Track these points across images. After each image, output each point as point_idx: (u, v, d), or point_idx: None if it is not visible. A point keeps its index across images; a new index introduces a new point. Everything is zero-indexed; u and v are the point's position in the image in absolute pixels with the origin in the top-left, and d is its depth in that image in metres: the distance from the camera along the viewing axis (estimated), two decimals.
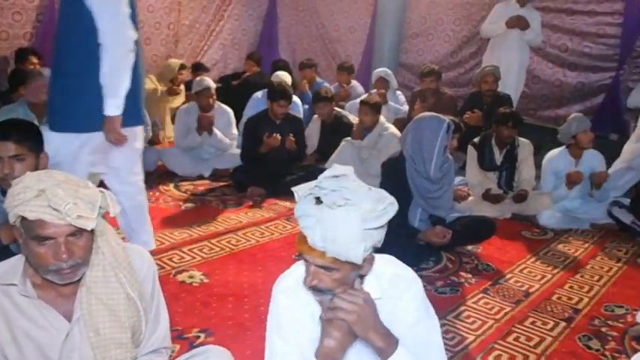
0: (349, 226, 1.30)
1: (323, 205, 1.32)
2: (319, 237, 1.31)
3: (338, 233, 1.30)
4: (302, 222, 1.34)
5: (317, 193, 1.34)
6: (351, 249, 1.31)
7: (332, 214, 1.30)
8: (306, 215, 1.34)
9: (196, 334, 2.44)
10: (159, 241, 3.44)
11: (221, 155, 5.03)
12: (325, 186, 1.33)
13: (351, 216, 1.31)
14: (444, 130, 3.20)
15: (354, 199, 1.31)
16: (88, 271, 1.51)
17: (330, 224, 1.30)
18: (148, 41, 6.91)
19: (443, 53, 7.27)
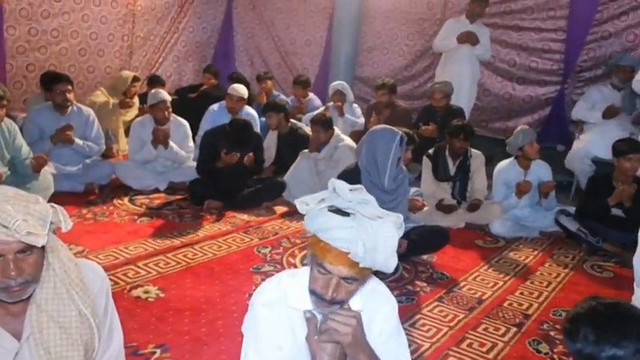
0: (388, 236, 1.34)
1: (360, 216, 1.34)
2: (361, 248, 1.32)
3: (379, 244, 1.33)
4: (335, 234, 1.33)
5: (339, 205, 1.36)
6: (390, 259, 1.35)
7: (372, 226, 1.33)
8: (339, 227, 1.33)
9: (152, 349, 2.40)
10: (113, 256, 3.37)
11: (177, 168, 4.98)
12: (350, 198, 1.35)
13: (388, 227, 1.35)
14: (397, 142, 3.27)
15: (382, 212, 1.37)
16: (39, 289, 1.48)
17: (372, 235, 1.32)
18: (101, 53, 6.80)
19: (397, 67, 7.43)
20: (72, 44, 6.48)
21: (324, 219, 1.35)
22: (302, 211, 1.41)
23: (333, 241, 1.33)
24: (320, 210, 1.37)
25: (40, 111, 4.62)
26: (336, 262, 1.34)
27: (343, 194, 1.36)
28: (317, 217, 1.36)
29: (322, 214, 1.37)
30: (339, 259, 1.34)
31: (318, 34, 7.95)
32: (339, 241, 1.32)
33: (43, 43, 6.20)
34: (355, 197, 1.36)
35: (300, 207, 1.41)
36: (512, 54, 6.46)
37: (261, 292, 1.61)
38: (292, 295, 1.53)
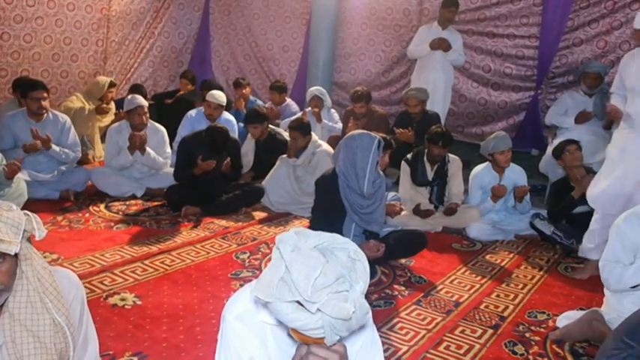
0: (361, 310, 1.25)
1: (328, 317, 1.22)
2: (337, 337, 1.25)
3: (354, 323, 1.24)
4: (310, 332, 1.23)
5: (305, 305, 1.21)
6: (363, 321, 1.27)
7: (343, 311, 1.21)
8: (314, 328, 1.23)
9: (129, 357, 2.38)
10: (88, 263, 3.33)
11: (154, 174, 4.94)
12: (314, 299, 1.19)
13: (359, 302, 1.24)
14: (375, 147, 3.28)
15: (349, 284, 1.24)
16: (11, 297, 1.46)
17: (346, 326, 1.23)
18: (74, 58, 6.71)
19: (375, 72, 7.48)
20: (45, 49, 6.38)
21: (293, 317, 1.22)
22: (263, 299, 1.25)
23: (307, 332, 1.25)
24: (286, 304, 1.24)
25: (13, 117, 4.54)
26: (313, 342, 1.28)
27: (306, 296, 1.19)
28: (287, 315, 1.23)
29: (290, 310, 1.23)
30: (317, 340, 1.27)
31: (295, 40, 7.97)
32: (315, 335, 1.25)
33: (16, 48, 6.10)
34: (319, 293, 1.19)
35: (260, 295, 1.25)
36: (487, 60, 6.56)
37: (233, 304, 1.58)
38: (263, 311, 1.52)
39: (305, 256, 1.22)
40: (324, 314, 1.20)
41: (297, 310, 1.22)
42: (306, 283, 1.18)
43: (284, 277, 1.22)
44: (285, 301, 1.22)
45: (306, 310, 1.21)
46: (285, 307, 1.22)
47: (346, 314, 1.19)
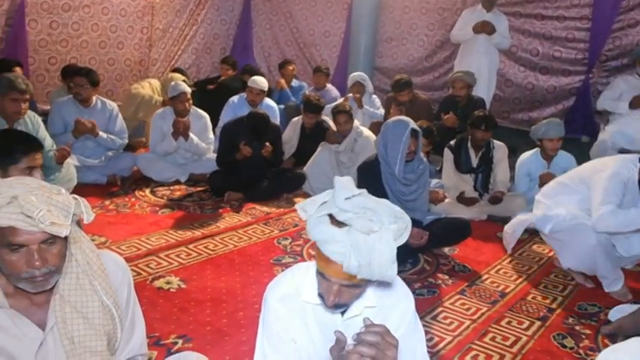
0: (384, 249, 1.29)
1: (354, 230, 1.29)
2: (354, 262, 1.29)
3: (374, 257, 1.28)
4: (329, 248, 1.31)
5: (336, 214, 1.31)
6: (386, 270, 1.30)
7: (367, 241, 1.28)
8: (333, 241, 1.30)
9: (174, 340, 2.42)
10: (135, 247, 3.40)
11: (197, 160, 4.99)
12: (347, 209, 1.30)
13: (385, 240, 1.29)
14: (406, 134, 3.23)
15: (380, 220, 1.31)
16: (62, 279, 1.48)
17: (365, 250, 1.28)
18: (120, 45, 6.84)
19: (417, 57, 7.34)
20: (92, 37, 6.53)
21: (320, 229, 1.32)
22: (302, 218, 1.38)
23: (329, 254, 1.31)
24: (318, 218, 1.34)
25: (63, 104, 4.67)
26: (334, 273, 1.34)
27: (339, 203, 1.31)
28: (315, 227, 1.34)
29: (320, 223, 1.33)
30: (337, 271, 1.32)
31: (336, 25, 7.90)
32: (333, 254, 1.30)
33: (64, 36, 6.26)
34: (353, 206, 1.31)
35: (300, 213, 1.39)
36: (534, 43, 6.34)
37: (275, 287, 1.60)
38: (306, 290, 1.53)
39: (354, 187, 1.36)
40: (350, 232, 1.28)
41: (329, 225, 1.31)
42: (344, 196, 1.30)
43: (329, 200, 1.33)
44: (320, 214, 1.32)
45: (336, 227, 1.30)
46: (318, 221, 1.32)
47: (369, 229, 1.28)
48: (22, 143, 2.21)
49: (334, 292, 1.37)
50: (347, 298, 1.40)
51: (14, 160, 2.15)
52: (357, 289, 1.39)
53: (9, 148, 2.16)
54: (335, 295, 1.37)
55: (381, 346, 1.21)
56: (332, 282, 1.36)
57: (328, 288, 1.38)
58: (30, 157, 2.19)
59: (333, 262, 1.32)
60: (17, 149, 2.17)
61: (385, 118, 5.72)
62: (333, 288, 1.37)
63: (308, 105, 5.10)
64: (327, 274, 1.35)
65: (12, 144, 2.18)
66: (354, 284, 1.36)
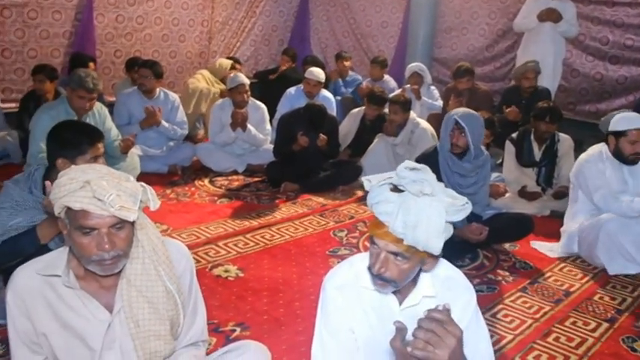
0: (433, 215, 1.32)
1: (406, 192, 1.35)
2: (400, 223, 1.32)
3: (421, 221, 1.31)
4: (380, 208, 1.36)
5: (395, 182, 1.37)
6: (432, 239, 1.33)
7: (416, 202, 1.33)
8: (385, 201, 1.36)
9: (232, 327, 2.46)
10: (194, 235, 3.48)
11: (255, 151, 5.06)
12: (405, 176, 1.36)
13: (435, 206, 1.33)
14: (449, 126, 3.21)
15: (435, 189, 1.35)
16: (128, 264, 1.53)
17: (413, 211, 1.32)
18: (182, 38, 7.00)
19: (478, 47, 7.14)
20: (155, 30, 6.70)
21: (377, 193, 1.38)
22: (366, 188, 1.44)
23: (379, 215, 1.36)
24: (380, 187, 1.39)
25: (129, 95, 4.83)
26: (382, 235, 1.36)
27: (400, 171, 1.37)
28: (373, 192, 1.40)
29: (377, 189, 1.40)
30: (385, 233, 1.35)
31: (394, 15, 7.78)
32: (383, 214, 1.35)
33: (129, 29, 6.46)
34: (411, 175, 1.36)
35: (365, 184, 1.45)
36: (604, 31, 6.03)
37: (333, 275, 1.62)
38: (364, 276, 1.53)
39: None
40: (403, 195, 1.34)
41: (387, 190, 1.37)
42: (405, 166, 1.38)
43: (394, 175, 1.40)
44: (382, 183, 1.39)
45: (391, 192, 1.36)
46: (379, 188, 1.39)
47: (419, 191, 1.33)
48: (87, 135, 2.30)
49: (380, 260, 1.39)
50: (394, 272, 1.39)
51: (81, 152, 2.23)
52: (404, 261, 1.38)
53: (76, 140, 2.24)
54: (381, 264, 1.39)
55: (442, 334, 1.18)
56: (379, 248, 1.38)
57: (375, 255, 1.41)
58: (94, 147, 2.28)
59: (381, 224, 1.36)
60: (84, 141, 2.25)
61: (444, 110, 5.61)
62: (380, 255, 1.39)
63: (372, 97, 5.05)
64: (375, 237, 1.39)
65: (79, 136, 2.26)
66: (401, 253, 1.36)
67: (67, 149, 2.20)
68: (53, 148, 2.24)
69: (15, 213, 2.17)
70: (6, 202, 2.20)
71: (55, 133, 2.29)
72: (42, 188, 2.23)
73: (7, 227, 2.13)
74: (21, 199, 2.20)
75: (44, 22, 5.68)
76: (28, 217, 2.16)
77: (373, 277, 1.43)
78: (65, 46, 5.85)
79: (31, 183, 2.24)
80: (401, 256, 1.37)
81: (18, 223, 2.14)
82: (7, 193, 2.23)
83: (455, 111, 3.28)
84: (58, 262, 1.52)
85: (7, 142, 4.78)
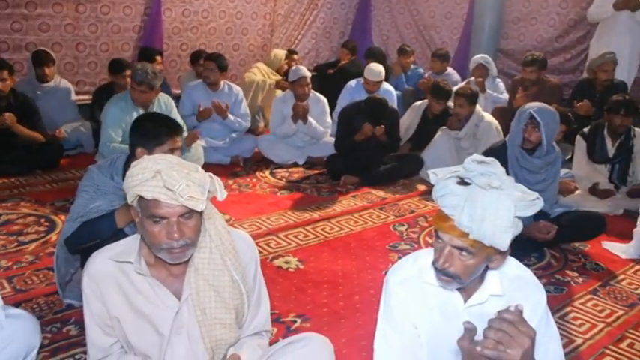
0: (501, 209, 1.29)
1: (473, 185, 1.32)
2: (466, 216, 1.29)
3: (488, 215, 1.28)
4: (446, 201, 1.34)
5: (462, 175, 1.35)
6: (499, 233, 1.29)
7: (483, 195, 1.30)
8: (451, 194, 1.33)
9: (293, 318, 2.48)
10: (256, 226, 3.53)
11: (315, 143, 5.07)
12: (472, 169, 1.33)
13: (503, 200, 1.29)
14: (522, 121, 3.09)
15: (504, 185, 1.31)
16: (196, 253, 1.56)
17: (480, 205, 1.29)
18: (244, 31, 7.10)
19: (547, 38, 6.86)
20: (219, 24, 6.83)
21: (443, 186, 1.36)
22: (432, 181, 1.42)
23: (444, 208, 1.33)
24: (446, 180, 1.37)
25: (194, 87, 4.96)
26: (446, 229, 1.34)
27: (467, 164, 1.34)
28: (439, 184, 1.37)
29: (443, 182, 1.37)
30: (450, 226, 1.32)
31: (458, 6, 7.59)
32: (448, 207, 1.32)
33: (195, 23, 6.61)
34: (478, 168, 1.33)
35: (431, 177, 1.43)
36: None
37: (397, 270, 1.61)
38: (428, 272, 1.50)
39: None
40: (470, 188, 1.32)
41: (453, 183, 1.34)
42: (473, 159, 1.35)
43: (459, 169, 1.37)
44: (448, 176, 1.36)
45: (458, 185, 1.34)
46: (445, 181, 1.36)
47: (486, 184, 1.29)
48: (167, 126, 2.32)
49: (445, 254, 1.36)
50: (458, 268, 1.36)
51: (159, 143, 2.27)
52: (469, 257, 1.35)
53: (156, 131, 2.28)
54: (445, 258, 1.36)
55: (514, 334, 1.14)
56: (444, 242, 1.36)
57: (440, 249, 1.38)
58: (172, 139, 2.30)
59: (447, 217, 1.33)
60: (162, 132, 2.28)
61: (509, 103, 5.43)
62: (444, 249, 1.36)
63: (437, 92, 4.94)
64: (440, 231, 1.36)
65: (158, 128, 2.30)
66: (466, 248, 1.33)
67: (147, 139, 2.26)
68: (134, 138, 2.30)
69: (96, 197, 2.26)
70: (88, 185, 2.30)
71: (137, 124, 2.36)
72: (122, 175, 2.32)
73: (88, 209, 2.22)
74: (102, 184, 2.30)
75: (116, 17, 5.90)
76: (107, 202, 2.25)
77: (437, 272, 1.41)
78: (135, 40, 6.06)
79: (113, 170, 2.34)
80: (466, 250, 1.34)
81: (98, 206, 2.23)
82: (90, 177, 2.33)
83: (529, 105, 3.15)
84: (130, 249, 1.57)
85: (81, 132, 5.01)
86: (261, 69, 6.42)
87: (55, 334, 2.27)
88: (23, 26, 5.34)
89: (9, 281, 2.69)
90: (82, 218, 2.24)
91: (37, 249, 3.08)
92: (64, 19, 5.56)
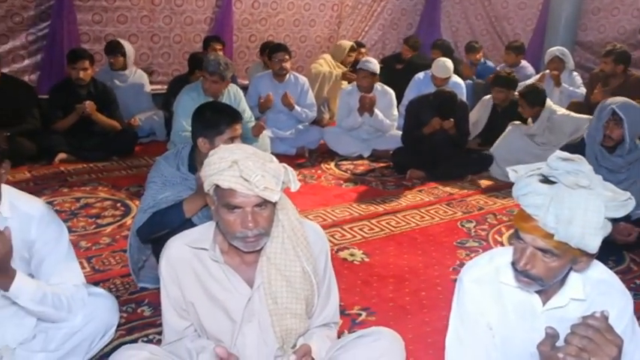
0: (590, 209, 1.22)
1: (559, 184, 1.26)
2: (552, 217, 1.23)
3: (576, 215, 1.22)
4: (528, 200, 1.28)
5: (546, 173, 1.29)
6: (588, 235, 1.22)
7: (571, 195, 1.23)
8: (535, 193, 1.27)
9: (358, 311, 2.47)
10: (321, 217, 3.55)
11: (381, 136, 5.03)
12: (557, 167, 1.27)
13: (593, 200, 1.23)
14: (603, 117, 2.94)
15: (592, 182, 1.24)
16: (269, 242, 1.58)
17: (567, 205, 1.22)
18: (312, 23, 7.12)
19: (630, 30, 6.48)
20: (288, 15, 6.88)
21: (524, 184, 1.29)
22: (512, 179, 1.35)
23: (527, 207, 1.26)
24: (528, 177, 1.30)
25: (260, 78, 5.02)
26: (529, 230, 1.27)
27: (551, 162, 1.28)
28: (520, 183, 1.31)
29: (524, 180, 1.30)
30: (533, 227, 1.26)
31: None
32: (531, 207, 1.25)
33: (264, 15, 6.69)
34: (564, 166, 1.25)
35: (510, 174, 1.36)
36: None
37: (471, 267, 1.56)
38: (505, 272, 1.45)
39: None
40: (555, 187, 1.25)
41: (536, 181, 1.28)
42: (558, 156, 1.28)
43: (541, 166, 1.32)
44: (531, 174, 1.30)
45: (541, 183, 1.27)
46: (527, 179, 1.29)
47: (573, 183, 1.23)
48: (227, 116, 2.35)
49: (527, 255, 1.30)
50: (541, 270, 1.30)
51: (219, 132, 2.29)
52: (553, 259, 1.28)
53: (215, 121, 2.31)
54: (527, 259, 1.30)
55: (600, 342, 1.08)
56: (526, 243, 1.30)
57: (521, 250, 1.31)
58: (232, 128, 2.32)
59: (529, 217, 1.27)
60: (222, 121, 2.31)
61: (586, 98, 5.18)
62: (526, 250, 1.30)
63: (497, 79, 4.80)
64: (521, 232, 1.30)
65: (218, 117, 2.33)
66: (550, 250, 1.26)
67: (207, 128, 2.29)
68: (196, 127, 2.35)
69: (164, 188, 2.33)
70: (156, 176, 2.37)
71: (198, 113, 2.40)
72: (188, 165, 2.38)
73: (157, 200, 2.29)
74: (169, 175, 2.36)
75: (189, 9, 6.06)
76: (175, 192, 2.31)
77: (517, 273, 1.35)
78: (206, 31, 6.20)
79: (179, 160, 2.40)
80: (550, 252, 1.28)
81: (166, 197, 2.30)
82: (157, 169, 2.41)
83: (611, 100, 2.99)
84: (205, 237, 1.61)
85: (154, 121, 5.19)
86: (328, 60, 6.42)
87: (130, 314, 2.37)
88: (103, 18, 5.59)
89: (88, 261, 2.83)
90: (152, 209, 2.31)
91: (113, 232, 3.22)
92: (140, 10, 5.77)
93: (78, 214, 3.47)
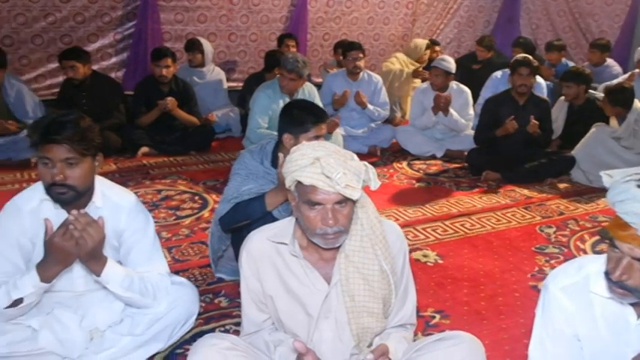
0: None
1: None
2: None
3: None
4: (625, 207, 1.22)
5: None
6: None
7: None
8: (633, 200, 1.22)
9: (432, 314, 2.43)
10: (393, 217, 3.52)
11: (455, 136, 4.92)
12: None
13: None
14: None
15: None
16: (348, 240, 1.58)
17: None
18: (386, 21, 7.06)
19: None
20: (362, 13, 6.86)
21: (621, 190, 1.23)
22: (606, 184, 1.31)
23: (624, 215, 1.20)
24: (625, 183, 1.24)
25: (334, 77, 5.05)
26: (626, 239, 1.21)
27: None
28: (616, 188, 1.25)
29: (619, 185, 1.24)
30: (631, 235, 1.19)
31: None
32: (629, 214, 1.19)
33: (338, 13, 6.71)
34: None
35: (604, 178, 1.32)
36: None
37: (558, 275, 1.50)
38: (596, 281, 1.38)
39: None
40: None
41: (634, 187, 1.22)
42: None
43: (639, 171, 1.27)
44: (628, 179, 1.25)
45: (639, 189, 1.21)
46: (623, 185, 1.24)
47: None
48: (313, 114, 2.37)
49: (622, 266, 1.24)
50: (638, 281, 1.23)
51: (305, 129, 2.32)
52: None
53: (302, 118, 2.34)
54: (623, 270, 1.24)
55: None
56: (622, 252, 1.24)
57: (616, 260, 1.25)
58: (318, 126, 2.35)
59: (627, 225, 1.21)
60: (308, 120, 2.34)
61: None
62: (622, 260, 1.24)
63: (566, 73, 4.59)
64: (617, 240, 1.24)
65: (305, 115, 2.36)
66: None
67: (293, 126, 2.33)
68: (283, 123, 2.39)
69: (247, 180, 2.39)
70: (241, 169, 2.44)
71: (287, 110, 2.45)
72: (271, 160, 2.43)
73: (240, 191, 2.36)
74: (253, 168, 2.42)
75: (265, 8, 6.18)
76: (258, 185, 2.37)
77: (612, 283, 1.29)
78: (281, 30, 6.29)
79: (263, 155, 2.45)
80: None
81: (249, 189, 2.36)
82: (242, 161, 2.47)
83: None
84: (285, 232, 1.63)
85: (230, 117, 5.34)
86: (400, 59, 6.35)
87: (207, 304, 2.45)
88: (184, 17, 5.80)
89: (169, 251, 2.95)
90: (235, 199, 2.37)
91: (192, 224, 3.34)
92: (219, 10, 5.94)
93: (159, 205, 3.63)
